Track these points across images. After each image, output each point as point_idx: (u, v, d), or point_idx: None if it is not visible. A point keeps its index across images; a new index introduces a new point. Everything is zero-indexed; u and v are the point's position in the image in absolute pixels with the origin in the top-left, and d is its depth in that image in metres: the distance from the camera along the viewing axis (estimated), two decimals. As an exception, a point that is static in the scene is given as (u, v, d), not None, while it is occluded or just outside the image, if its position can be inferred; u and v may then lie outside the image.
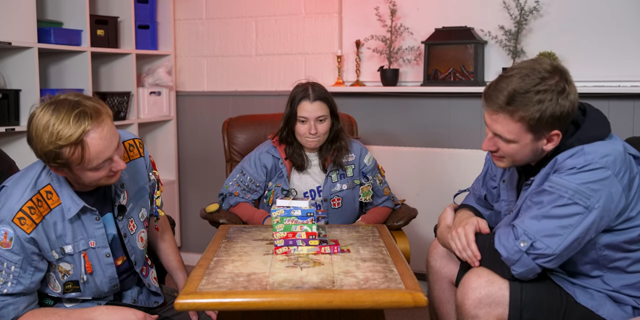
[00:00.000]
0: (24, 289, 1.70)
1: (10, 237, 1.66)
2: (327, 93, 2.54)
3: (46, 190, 1.73)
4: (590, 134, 1.73)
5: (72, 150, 1.60)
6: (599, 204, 1.65)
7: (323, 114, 2.49)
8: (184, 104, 4.02)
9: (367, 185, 2.63)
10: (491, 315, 1.72)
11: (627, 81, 3.06)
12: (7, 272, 1.68)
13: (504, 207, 1.96)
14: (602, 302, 1.76)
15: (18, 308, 1.70)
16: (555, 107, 1.66)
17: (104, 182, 1.73)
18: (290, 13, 3.71)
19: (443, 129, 3.42)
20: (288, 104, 2.54)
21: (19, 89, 3.05)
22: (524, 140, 1.72)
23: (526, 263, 1.67)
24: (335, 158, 2.56)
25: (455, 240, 1.83)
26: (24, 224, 1.67)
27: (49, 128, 1.59)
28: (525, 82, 1.67)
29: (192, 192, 4.06)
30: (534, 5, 3.14)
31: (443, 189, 3.21)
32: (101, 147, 1.63)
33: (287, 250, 1.90)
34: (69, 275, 1.77)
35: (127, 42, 3.64)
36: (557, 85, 1.67)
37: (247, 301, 1.55)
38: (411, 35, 3.44)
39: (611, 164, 1.66)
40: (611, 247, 1.75)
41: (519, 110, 1.67)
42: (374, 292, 1.57)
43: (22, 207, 1.68)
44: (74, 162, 1.62)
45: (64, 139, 1.58)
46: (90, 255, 1.79)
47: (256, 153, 2.62)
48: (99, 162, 1.65)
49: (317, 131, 2.48)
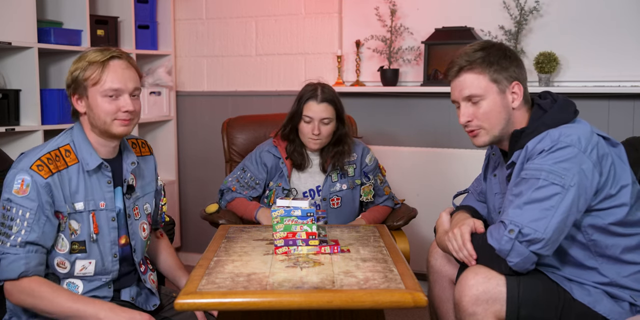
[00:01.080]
0: (37, 238, 1.74)
1: (27, 183, 1.75)
2: (336, 96, 2.54)
3: (65, 149, 1.85)
4: (554, 118, 1.82)
5: (94, 69, 1.81)
6: (574, 181, 1.70)
7: (328, 116, 2.48)
8: (184, 104, 4.03)
9: (369, 185, 2.63)
10: (489, 312, 1.73)
11: (627, 81, 3.06)
12: (21, 220, 1.74)
13: (497, 201, 1.99)
14: (599, 298, 1.77)
15: (29, 263, 1.73)
16: (504, 58, 1.85)
17: (113, 127, 1.84)
18: (290, 13, 3.71)
19: (443, 129, 3.42)
20: (295, 102, 2.54)
21: (19, 89, 3.05)
22: (491, 93, 1.84)
23: (520, 251, 1.69)
24: (336, 161, 2.56)
25: (452, 241, 1.84)
26: (41, 170, 1.77)
27: (86, 54, 1.85)
28: (472, 47, 1.89)
29: (192, 192, 4.06)
30: (534, 5, 3.15)
31: (443, 189, 3.21)
32: (118, 74, 1.82)
33: (287, 250, 1.90)
34: (76, 234, 1.82)
35: (127, 42, 3.64)
36: (499, 47, 1.89)
37: (247, 301, 1.55)
38: (411, 35, 3.44)
39: (576, 142, 1.73)
40: (599, 230, 1.78)
41: (476, 65, 1.84)
42: (374, 292, 1.57)
43: (41, 157, 1.79)
44: (91, 79, 1.81)
45: (91, 58, 1.82)
46: (98, 216, 1.86)
47: (257, 151, 2.63)
48: (111, 87, 1.81)
49: (320, 132, 2.47)
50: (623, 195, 1.78)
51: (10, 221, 1.74)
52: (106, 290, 1.89)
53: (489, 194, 2.05)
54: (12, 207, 1.75)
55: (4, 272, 1.73)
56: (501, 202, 1.95)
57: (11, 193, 1.76)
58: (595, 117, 3.00)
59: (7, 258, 1.73)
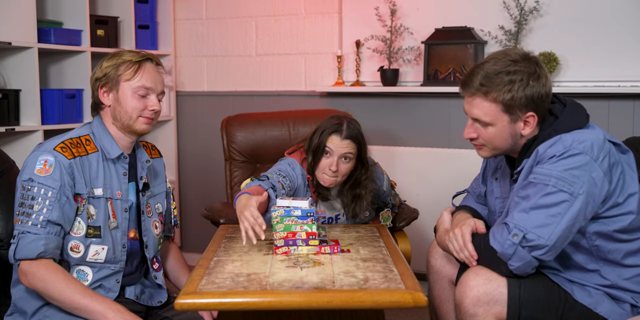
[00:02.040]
0: (58, 218, 1.77)
1: (50, 163, 1.80)
2: (361, 134, 2.29)
3: (85, 138, 1.91)
4: (567, 124, 1.78)
5: (129, 66, 1.90)
6: (583, 190, 1.67)
7: (350, 152, 2.24)
8: (184, 104, 4.02)
9: (386, 211, 2.52)
10: (489, 313, 1.72)
11: (627, 81, 3.06)
12: (43, 199, 1.77)
13: (497, 205, 1.97)
14: (600, 299, 1.77)
15: (48, 244, 1.76)
16: (526, 87, 1.74)
17: (137, 124, 1.91)
18: (290, 13, 3.71)
19: (443, 129, 3.42)
20: (317, 134, 2.27)
21: (19, 89, 3.05)
22: (500, 122, 1.77)
23: (522, 256, 1.68)
24: (354, 207, 2.34)
25: (452, 241, 1.84)
26: (65, 151, 1.83)
27: (119, 53, 1.93)
28: (497, 65, 1.77)
29: (192, 192, 4.06)
30: (534, 5, 3.15)
31: (443, 189, 3.21)
32: (152, 75, 1.92)
33: (287, 250, 1.90)
34: (92, 219, 1.86)
35: (127, 42, 3.64)
36: (528, 67, 1.76)
37: (247, 301, 1.55)
38: (411, 35, 3.44)
39: (589, 149, 1.70)
40: (603, 236, 1.76)
41: (492, 91, 1.75)
42: (374, 292, 1.57)
43: (64, 141, 1.86)
44: (126, 75, 1.88)
45: (126, 57, 1.91)
46: (115, 205, 1.91)
47: (288, 162, 2.35)
48: (144, 85, 1.89)
49: (337, 169, 2.23)
50: (630, 203, 1.76)
51: (32, 200, 1.77)
52: (113, 282, 1.90)
53: (489, 197, 2.03)
54: (33, 186, 1.78)
55: (22, 251, 1.75)
56: (502, 206, 1.94)
57: (33, 173, 1.79)
58: (595, 117, 2.96)
59: (27, 237, 1.75)
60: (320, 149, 2.24)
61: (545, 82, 1.77)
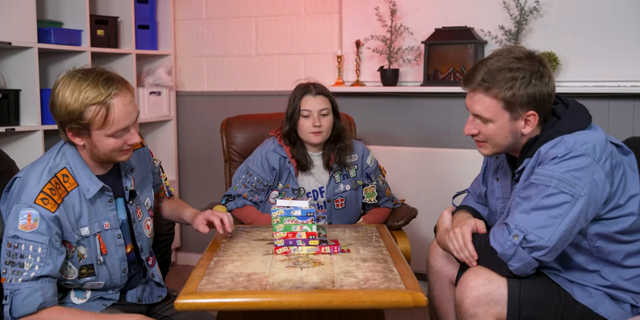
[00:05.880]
0: (51, 271, 1.68)
1: (35, 218, 1.67)
2: (328, 91, 2.58)
3: (62, 174, 1.76)
4: (569, 124, 1.77)
5: (96, 111, 1.68)
6: (585, 191, 1.67)
7: (326, 107, 2.51)
8: (184, 104, 4.02)
9: (371, 186, 2.63)
10: (490, 314, 1.72)
11: (627, 81, 3.06)
12: (33, 256, 1.66)
13: (498, 205, 1.97)
14: (600, 300, 1.77)
15: (45, 294, 1.66)
16: (528, 85, 1.73)
17: (117, 157, 1.79)
18: (290, 13, 3.71)
19: (443, 129, 3.42)
20: (290, 102, 2.55)
21: (19, 89, 3.05)
22: (501, 119, 1.77)
23: (522, 257, 1.68)
24: (340, 158, 2.55)
25: (453, 241, 1.83)
26: (47, 203, 1.69)
27: (79, 88, 1.68)
28: (500, 61, 1.77)
29: (192, 192, 4.06)
30: (534, 5, 3.15)
31: (443, 189, 3.21)
32: (124, 113, 1.71)
33: (287, 250, 1.90)
34: (84, 259, 1.80)
35: (127, 42, 3.64)
36: (531, 65, 1.75)
37: (247, 301, 1.55)
38: (411, 35, 3.44)
39: (591, 151, 1.69)
40: (604, 237, 1.76)
41: (494, 87, 1.74)
42: (374, 292, 1.57)
43: (43, 189, 1.71)
44: (95, 124, 1.69)
45: (91, 98, 1.67)
46: (104, 237, 1.83)
47: (262, 152, 2.58)
48: (118, 128, 1.71)
49: (321, 124, 2.49)
50: (631, 205, 1.75)
51: (21, 258, 1.66)
52: (112, 293, 1.89)
53: (490, 197, 2.03)
54: (20, 243, 1.66)
55: (21, 307, 1.65)
56: (503, 206, 1.94)
57: (17, 229, 1.67)
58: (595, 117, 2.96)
59: (21, 293, 1.65)
60: (297, 113, 2.51)
61: (549, 82, 1.76)
